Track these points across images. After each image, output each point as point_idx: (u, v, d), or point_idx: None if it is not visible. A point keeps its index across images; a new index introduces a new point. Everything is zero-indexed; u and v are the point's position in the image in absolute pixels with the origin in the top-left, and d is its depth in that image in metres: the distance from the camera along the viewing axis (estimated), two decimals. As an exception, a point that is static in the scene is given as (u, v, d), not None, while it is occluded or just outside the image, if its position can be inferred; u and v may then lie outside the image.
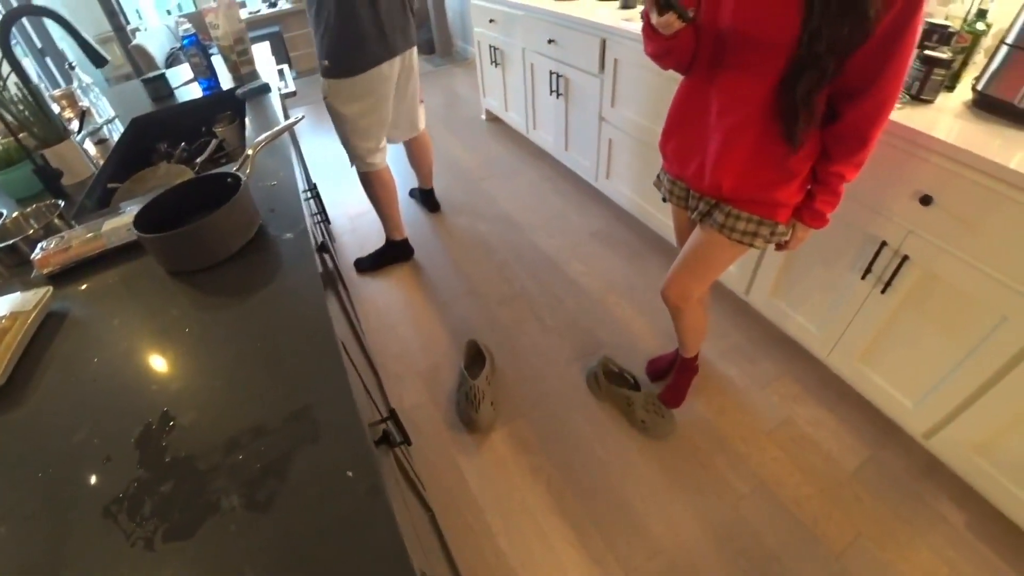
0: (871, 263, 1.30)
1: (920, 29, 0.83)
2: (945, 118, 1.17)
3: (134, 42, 2.86)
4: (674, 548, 1.28)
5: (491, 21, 2.85)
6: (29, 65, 2.78)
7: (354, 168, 2.08)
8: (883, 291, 1.29)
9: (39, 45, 2.91)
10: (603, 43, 2.02)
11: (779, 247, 1.17)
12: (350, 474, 0.52)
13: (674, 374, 1.62)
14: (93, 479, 0.55)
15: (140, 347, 0.73)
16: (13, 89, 1.19)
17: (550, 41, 2.35)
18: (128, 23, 3.45)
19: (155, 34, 2.99)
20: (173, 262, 0.88)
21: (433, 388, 1.74)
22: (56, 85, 2.99)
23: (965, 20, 1.25)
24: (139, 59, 2.86)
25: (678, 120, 1.13)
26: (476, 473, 1.48)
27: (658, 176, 1.30)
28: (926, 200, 1.15)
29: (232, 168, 0.98)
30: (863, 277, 1.33)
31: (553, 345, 1.84)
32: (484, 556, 1.30)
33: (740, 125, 0.98)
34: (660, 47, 1.01)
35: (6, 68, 1.23)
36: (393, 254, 2.32)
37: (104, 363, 0.71)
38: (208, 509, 0.51)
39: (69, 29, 1.28)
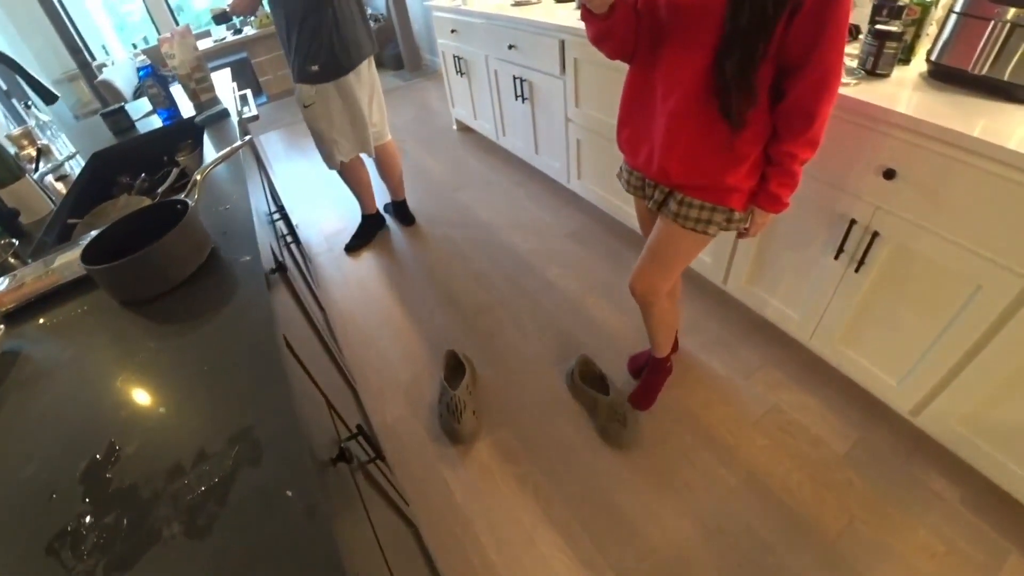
0: (843, 242, 1.29)
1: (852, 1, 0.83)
2: (901, 91, 1.16)
3: (100, 77, 2.85)
4: (665, 546, 1.26)
5: (453, 31, 2.86)
6: (-4, 108, 2.75)
7: (333, 166, 2.24)
8: (857, 270, 1.28)
9: (4, 87, 2.90)
10: (562, 44, 2.03)
11: (740, 235, 1.15)
12: (289, 494, 0.52)
13: (645, 375, 1.59)
14: (38, 515, 0.55)
15: (90, 380, 0.73)
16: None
17: (511, 47, 2.36)
18: (95, 59, 3.44)
19: (121, 68, 2.98)
20: (124, 292, 0.86)
21: (415, 401, 1.71)
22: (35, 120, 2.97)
23: (913, -7, 1.25)
24: (106, 94, 2.85)
25: (628, 109, 1.13)
26: (461, 485, 1.45)
27: (620, 167, 1.29)
28: (889, 174, 1.14)
29: (182, 195, 0.96)
30: (836, 257, 1.32)
31: (533, 350, 1.82)
32: (473, 569, 1.27)
33: (682, 107, 0.97)
34: (599, 29, 1.00)
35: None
36: (372, 226, 2.59)
37: (55, 398, 0.70)
38: (150, 538, 0.50)
39: (16, 68, 1.26)
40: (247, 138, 1.05)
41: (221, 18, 2.00)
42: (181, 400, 0.66)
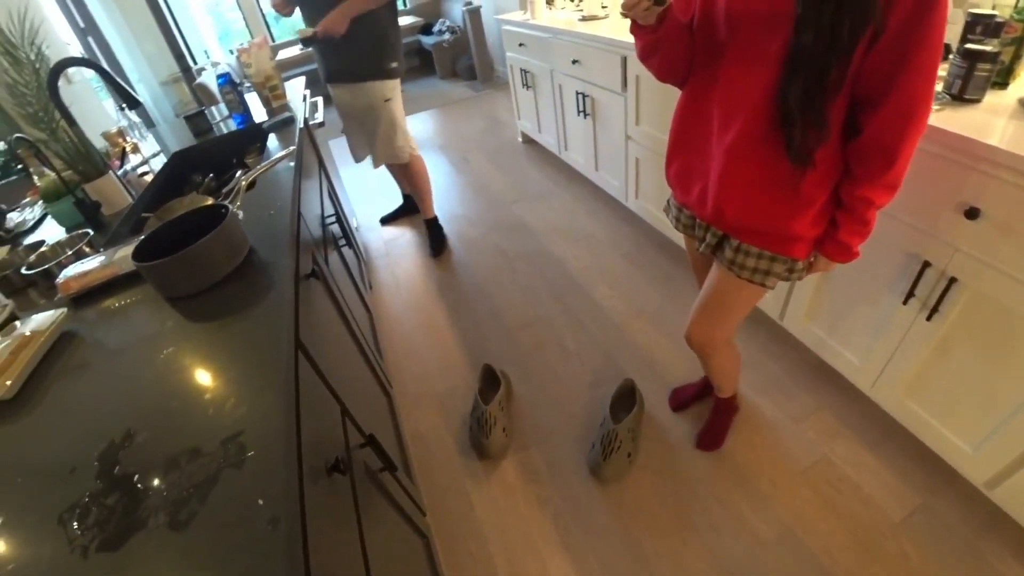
0: (914, 285, 1.16)
1: (946, 19, 0.70)
2: (994, 119, 1.03)
3: (197, 80, 3.11)
4: (685, 596, 1.18)
5: (521, 45, 2.88)
6: (110, 107, 3.08)
7: (405, 158, 2.38)
8: (928, 318, 1.15)
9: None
10: (624, 60, 1.98)
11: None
12: (260, 502, 0.53)
13: (711, 415, 1.49)
14: (58, 487, 0.59)
15: (125, 367, 0.78)
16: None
17: (574, 62, 2.34)
18: (196, 63, 3.77)
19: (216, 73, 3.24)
20: (166, 288, 0.92)
21: (449, 411, 1.71)
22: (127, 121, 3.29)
23: (1015, 7, 1.11)
24: (202, 96, 3.12)
25: (679, 140, 1.04)
26: (483, 500, 1.44)
27: (668, 201, 1.22)
28: (972, 213, 1.01)
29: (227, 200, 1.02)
30: (905, 302, 1.19)
31: (573, 371, 1.78)
32: (482, 591, 1.25)
33: (743, 139, 0.87)
34: (647, 43, 0.93)
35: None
36: (439, 227, 2.62)
37: (94, 381, 0.77)
38: (138, 524, 0.53)
39: (104, 76, 1.39)
40: (290, 149, 1.10)
41: (309, 41, 2.11)
42: (192, 396, 0.69)
